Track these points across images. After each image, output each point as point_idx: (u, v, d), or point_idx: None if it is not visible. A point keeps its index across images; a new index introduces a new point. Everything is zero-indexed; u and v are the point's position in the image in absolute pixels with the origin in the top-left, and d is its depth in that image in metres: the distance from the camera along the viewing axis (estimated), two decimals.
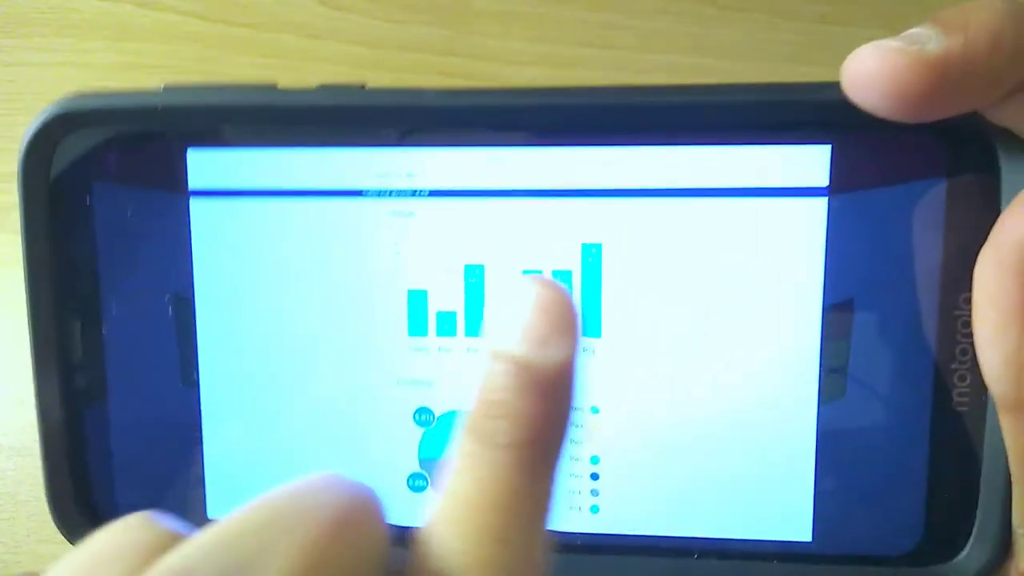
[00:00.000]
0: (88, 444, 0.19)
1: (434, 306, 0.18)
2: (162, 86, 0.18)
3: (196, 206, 0.19)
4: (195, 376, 0.19)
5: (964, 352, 0.17)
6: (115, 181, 0.18)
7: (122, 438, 0.19)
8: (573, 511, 0.19)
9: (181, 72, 0.33)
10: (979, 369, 0.15)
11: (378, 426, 0.19)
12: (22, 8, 0.32)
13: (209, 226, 0.19)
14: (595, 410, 0.18)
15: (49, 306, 0.18)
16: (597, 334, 0.18)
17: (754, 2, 0.32)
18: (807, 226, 0.17)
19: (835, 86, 0.15)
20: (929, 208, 0.17)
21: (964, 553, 0.17)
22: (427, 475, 0.19)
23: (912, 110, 0.15)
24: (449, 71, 0.33)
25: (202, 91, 0.18)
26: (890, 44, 0.15)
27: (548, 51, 0.33)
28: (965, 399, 0.17)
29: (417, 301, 0.18)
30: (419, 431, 0.19)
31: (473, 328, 0.19)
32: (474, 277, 0.18)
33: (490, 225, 0.18)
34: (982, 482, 0.17)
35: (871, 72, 0.15)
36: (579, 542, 0.19)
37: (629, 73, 0.33)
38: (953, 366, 0.17)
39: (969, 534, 0.17)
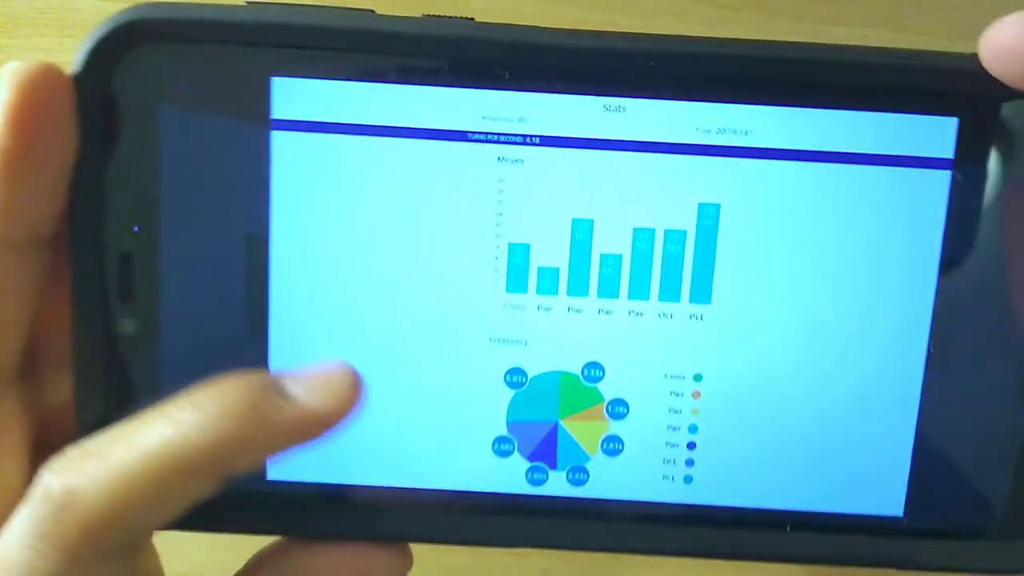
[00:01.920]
0: (131, 396, 0.17)
1: (536, 261, 0.18)
2: (245, 2, 0.16)
3: (278, 139, 0.17)
4: (264, 324, 0.18)
5: None
6: (185, 105, 0.17)
7: (173, 390, 0.17)
8: (666, 480, 0.18)
9: None
10: None
11: (465, 385, 0.18)
12: (22, 8, 0.32)
13: (291, 161, 0.17)
14: (698, 377, 0.18)
15: (98, 241, 0.17)
16: (707, 300, 0.18)
17: (754, 2, 0.32)
18: (928, 198, 0.17)
19: (968, 58, 0.15)
20: None
21: None
22: (514, 440, 0.18)
23: None
24: None
25: (291, 11, 0.16)
26: None
27: None
28: None
29: (518, 255, 0.18)
30: (509, 393, 0.18)
31: (577, 287, 0.18)
32: (582, 232, 0.18)
33: (603, 178, 0.17)
34: None
35: (1013, 42, 0.15)
36: (671, 512, 0.19)
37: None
38: None
39: None
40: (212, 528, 0.18)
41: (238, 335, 0.18)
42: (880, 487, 0.18)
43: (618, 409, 0.18)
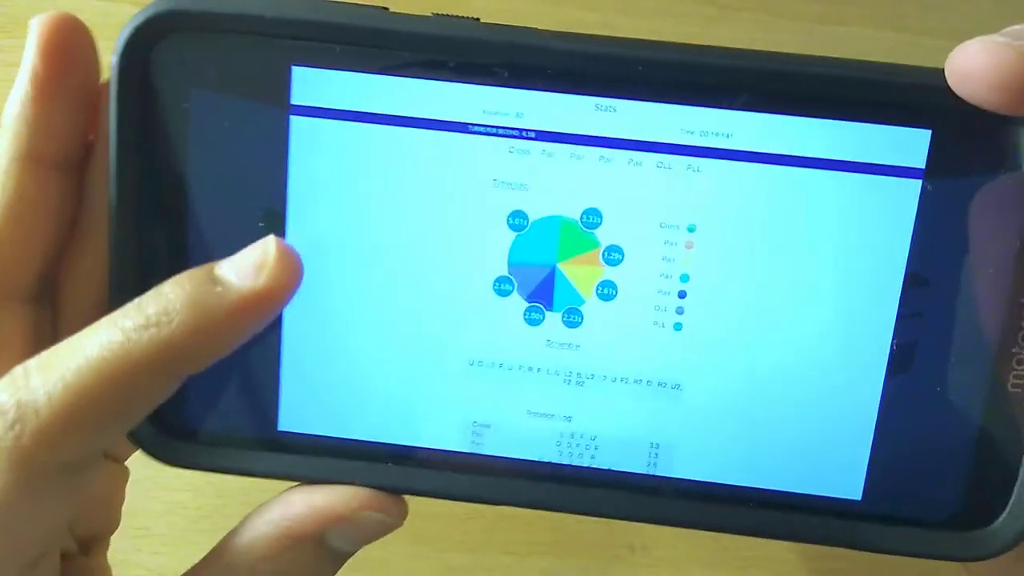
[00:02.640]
0: None
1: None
2: None
3: (296, 123, 0.18)
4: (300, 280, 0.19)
5: None
6: (214, 90, 0.18)
7: None
8: (656, 327, 0.19)
9: None
10: None
11: (469, 226, 0.19)
12: (22, 8, 0.32)
13: (307, 143, 0.18)
14: (691, 228, 0.19)
15: (132, 212, 0.18)
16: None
17: (754, 2, 0.32)
18: (900, 204, 0.18)
19: (941, 74, 0.16)
20: (1011, 199, 0.18)
21: (999, 521, 0.19)
22: (514, 280, 0.19)
23: (1017, 102, 0.16)
24: None
25: (311, 5, 0.18)
26: (996, 39, 0.16)
27: None
28: (1021, 381, 0.19)
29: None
30: (511, 235, 0.19)
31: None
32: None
33: (595, 171, 0.19)
34: None
35: (978, 65, 0.16)
36: (647, 483, 0.20)
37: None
38: (1014, 350, 0.18)
39: (1006, 505, 0.19)
40: (227, 470, 0.20)
41: None
42: (842, 472, 0.19)
43: (614, 255, 0.19)
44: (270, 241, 0.16)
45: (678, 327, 0.19)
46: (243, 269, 0.16)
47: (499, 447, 0.20)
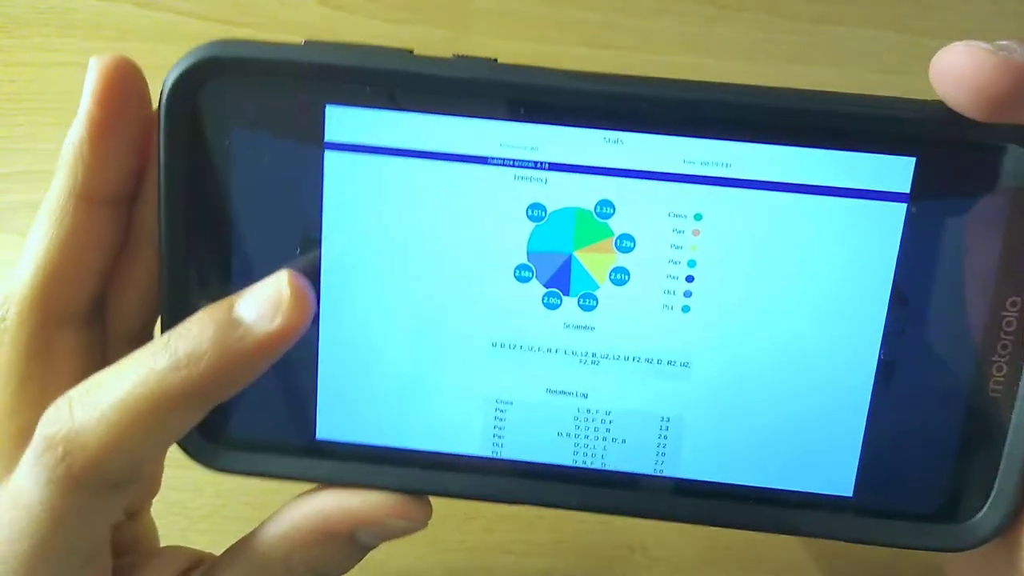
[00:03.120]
0: None
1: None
2: (303, 41, 0.19)
3: (330, 158, 0.20)
4: (316, 310, 0.20)
5: (1004, 347, 0.20)
6: (253, 128, 0.20)
7: None
8: (666, 310, 0.21)
9: None
10: (1015, 362, 0.19)
11: (491, 217, 0.20)
12: (22, 8, 0.32)
13: (341, 177, 0.20)
14: (698, 217, 0.20)
15: (179, 241, 0.20)
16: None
17: (754, 2, 0.32)
18: (887, 226, 0.19)
19: (927, 105, 0.18)
20: (991, 220, 0.19)
21: (981, 514, 0.20)
22: (533, 267, 0.20)
23: (990, 108, 0.16)
24: None
25: (341, 50, 0.19)
26: (980, 44, 0.16)
27: (548, 51, 0.33)
28: (1000, 386, 0.20)
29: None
30: (530, 225, 0.20)
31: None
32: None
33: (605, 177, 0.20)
34: (1003, 457, 0.20)
35: (960, 66, 0.16)
36: (655, 483, 0.21)
37: (629, 73, 0.33)
38: (994, 358, 0.20)
39: (987, 500, 0.20)
40: (269, 475, 0.21)
41: None
42: (834, 470, 0.21)
43: (625, 243, 0.20)
44: (284, 279, 0.18)
45: (686, 309, 0.20)
46: (261, 308, 0.18)
47: (520, 426, 0.21)
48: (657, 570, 0.31)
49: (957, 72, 0.16)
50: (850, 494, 0.21)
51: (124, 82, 0.19)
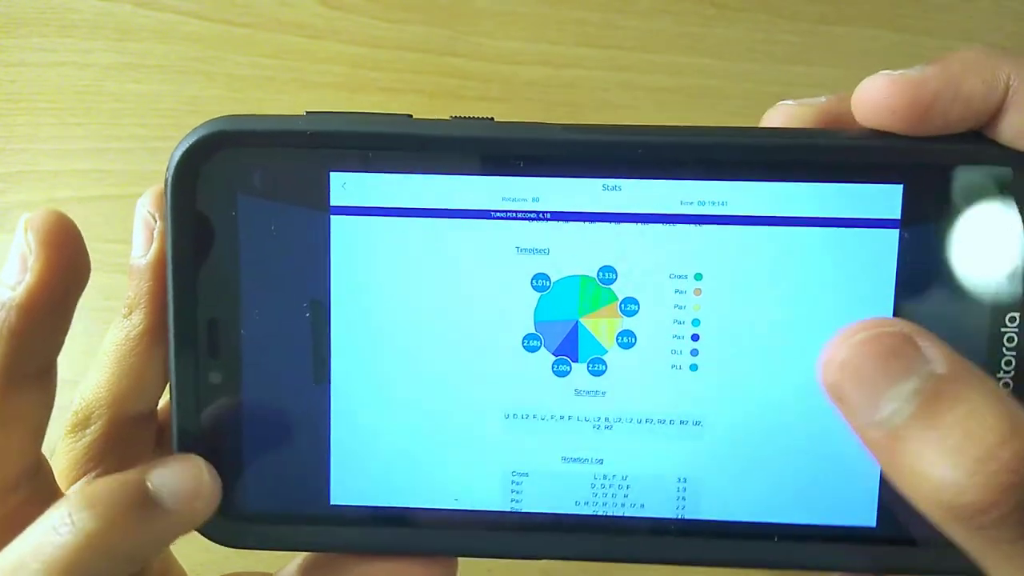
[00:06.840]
0: (220, 438, 0.21)
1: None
2: (304, 112, 0.20)
3: (336, 222, 0.20)
4: (327, 373, 0.21)
5: (1008, 363, 0.20)
6: (260, 197, 0.20)
7: (254, 432, 0.21)
8: (674, 370, 0.21)
9: (181, 71, 0.33)
10: (1021, 378, 0.19)
11: (496, 290, 0.21)
12: (22, 8, 0.32)
13: (348, 239, 0.20)
14: (699, 276, 0.20)
15: (191, 310, 0.20)
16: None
17: (754, 2, 0.32)
18: (882, 253, 0.20)
19: (907, 139, 0.19)
20: (981, 238, 0.19)
21: None
22: (541, 336, 0.21)
23: (904, 121, 0.18)
24: (449, 71, 0.33)
25: (342, 119, 0.20)
26: (882, 73, 0.18)
27: (548, 51, 0.33)
28: None
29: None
30: (535, 296, 0.21)
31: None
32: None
33: (607, 234, 0.21)
34: None
35: (869, 93, 0.18)
36: (672, 526, 0.21)
37: (629, 73, 0.33)
38: (999, 375, 0.20)
39: None
40: (287, 548, 0.21)
41: (305, 384, 0.21)
42: (854, 503, 0.21)
43: (630, 307, 0.20)
44: (206, 473, 0.19)
45: (694, 368, 0.21)
46: (181, 498, 0.18)
47: (537, 496, 0.21)
48: (657, 571, 0.31)
49: (868, 98, 0.18)
50: (873, 524, 0.21)
51: (61, 248, 0.18)
